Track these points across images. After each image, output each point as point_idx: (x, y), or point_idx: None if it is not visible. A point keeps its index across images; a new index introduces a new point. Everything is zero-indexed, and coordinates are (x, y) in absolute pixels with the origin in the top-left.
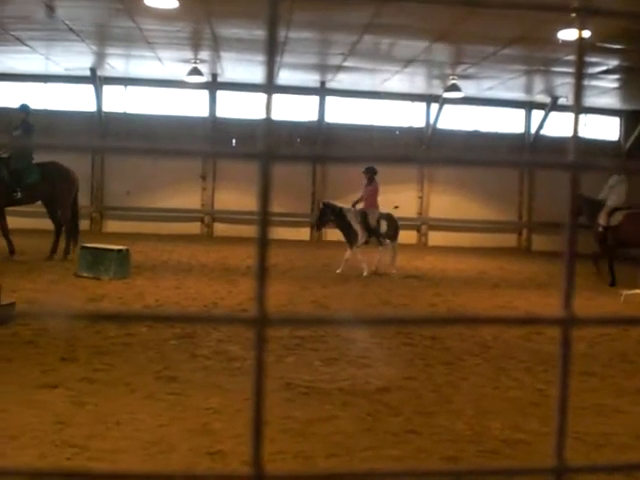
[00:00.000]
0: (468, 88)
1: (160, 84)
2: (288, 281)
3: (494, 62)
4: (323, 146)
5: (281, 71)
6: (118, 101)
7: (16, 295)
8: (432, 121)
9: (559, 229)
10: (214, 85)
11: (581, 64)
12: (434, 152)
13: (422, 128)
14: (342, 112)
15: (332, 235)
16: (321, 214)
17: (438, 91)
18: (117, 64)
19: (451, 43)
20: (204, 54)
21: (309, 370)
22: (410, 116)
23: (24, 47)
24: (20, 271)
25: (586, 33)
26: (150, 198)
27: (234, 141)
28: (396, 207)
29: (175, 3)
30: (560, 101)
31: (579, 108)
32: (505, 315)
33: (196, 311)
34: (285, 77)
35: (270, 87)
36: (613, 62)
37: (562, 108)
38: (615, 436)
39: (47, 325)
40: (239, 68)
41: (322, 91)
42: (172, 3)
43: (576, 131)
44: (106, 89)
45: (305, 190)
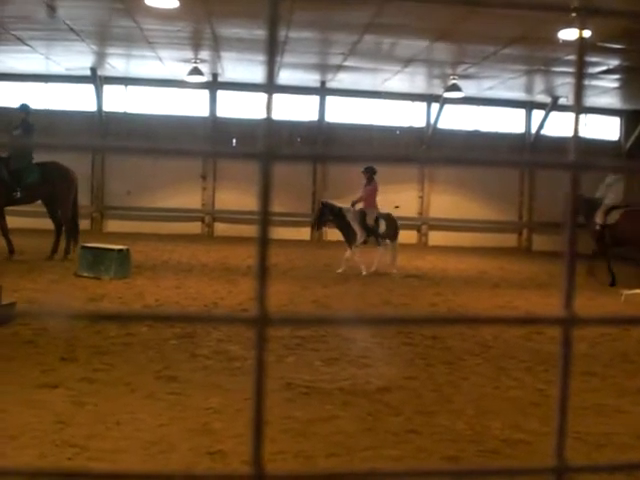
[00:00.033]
0: (468, 88)
1: (160, 84)
2: (289, 281)
3: (494, 62)
4: (323, 146)
5: (281, 71)
6: (118, 101)
7: (17, 295)
8: (432, 121)
9: (559, 229)
10: (214, 85)
11: (581, 64)
12: (434, 152)
13: (422, 128)
14: (342, 112)
15: (333, 235)
16: (320, 214)
17: (438, 91)
18: (117, 64)
19: (451, 43)
20: (204, 54)
21: (310, 370)
22: (410, 116)
23: (25, 47)
24: (21, 271)
25: (586, 33)
26: (150, 198)
27: (234, 141)
28: (397, 207)
29: (176, 3)
30: (560, 101)
31: (580, 108)
32: (506, 315)
33: (196, 311)
34: (285, 77)
35: (270, 87)
36: (613, 62)
37: (562, 108)
38: (616, 436)
39: (47, 325)
40: (239, 68)
41: (322, 91)
42: (173, 3)
43: (577, 131)
44: (106, 89)
45: (306, 190)
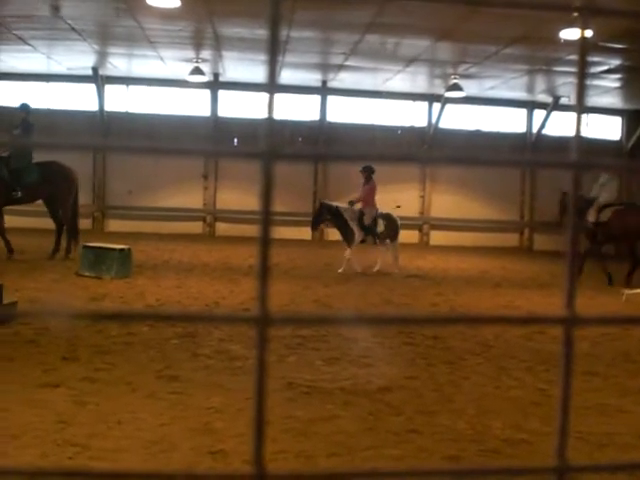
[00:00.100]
0: (470, 87)
1: (162, 83)
2: (290, 280)
3: (496, 61)
4: (325, 145)
5: (283, 70)
6: (120, 100)
7: (18, 294)
8: (434, 120)
9: (560, 228)
10: (216, 84)
11: (583, 63)
12: (436, 151)
13: (424, 127)
14: (344, 111)
15: (334, 235)
16: (317, 214)
17: (440, 90)
18: (119, 63)
19: (453, 42)
20: (206, 53)
21: (311, 369)
22: (412, 115)
23: (26, 46)
24: (22, 270)
25: (588, 32)
26: (152, 197)
27: (236, 140)
28: (398, 206)
29: (177, 2)
30: (562, 101)
31: (581, 108)
32: (507, 315)
33: (198, 310)
34: (287, 76)
35: (272, 86)
36: (615, 61)
37: (564, 108)
38: (618, 436)
39: (49, 324)
40: (241, 67)
41: (324, 90)
42: (174, 2)
43: (578, 131)
44: (108, 88)
45: (307, 189)
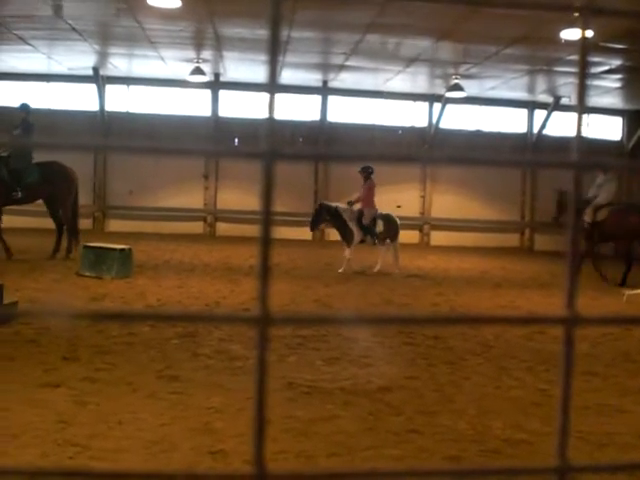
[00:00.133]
0: (471, 88)
1: (163, 83)
2: (291, 280)
3: (497, 62)
4: (325, 145)
5: (283, 70)
6: (121, 100)
7: (19, 294)
8: (434, 121)
9: (557, 228)
10: (217, 84)
11: (584, 64)
12: (436, 152)
13: (424, 128)
14: (344, 111)
15: (334, 235)
16: (316, 215)
17: (441, 91)
18: (120, 63)
19: (454, 42)
20: (207, 53)
21: (311, 369)
22: (412, 116)
23: (27, 46)
24: (22, 270)
25: (589, 33)
26: (153, 197)
27: (237, 140)
28: (399, 206)
29: (178, 2)
30: (563, 101)
31: (582, 108)
32: (508, 315)
33: (198, 310)
34: (287, 76)
35: (273, 86)
36: (616, 62)
37: (565, 108)
38: (618, 436)
39: (49, 324)
40: (242, 67)
41: (324, 90)
42: (175, 2)
43: (579, 131)
44: (109, 88)
45: (308, 189)
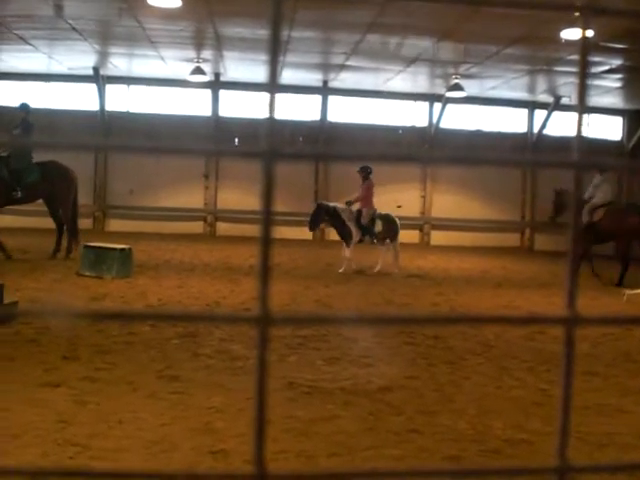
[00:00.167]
0: (471, 87)
1: (163, 83)
2: (291, 280)
3: (497, 61)
4: (325, 145)
5: (284, 70)
6: (121, 100)
7: (19, 294)
8: (435, 120)
9: (561, 228)
10: (217, 84)
11: (584, 63)
12: (437, 151)
13: (425, 127)
14: (345, 111)
15: (335, 234)
16: (314, 215)
17: (441, 90)
18: (120, 63)
19: (454, 42)
20: (207, 53)
21: (311, 369)
22: (413, 115)
23: (27, 46)
24: (23, 270)
25: (589, 32)
26: (153, 197)
27: (237, 140)
28: (399, 206)
29: (178, 2)
30: (563, 100)
31: (582, 107)
32: (508, 314)
33: (198, 310)
34: (288, 76)
35: (273, 86)
36: (616, 61)
37: (565, 108)
38: (618, 436)
39: (49, 324)
40: (242, 67)
41: (325, 90)
42: (175, 2)
43: (579, 130)
44: (109, 88)
45: (308, 189)
